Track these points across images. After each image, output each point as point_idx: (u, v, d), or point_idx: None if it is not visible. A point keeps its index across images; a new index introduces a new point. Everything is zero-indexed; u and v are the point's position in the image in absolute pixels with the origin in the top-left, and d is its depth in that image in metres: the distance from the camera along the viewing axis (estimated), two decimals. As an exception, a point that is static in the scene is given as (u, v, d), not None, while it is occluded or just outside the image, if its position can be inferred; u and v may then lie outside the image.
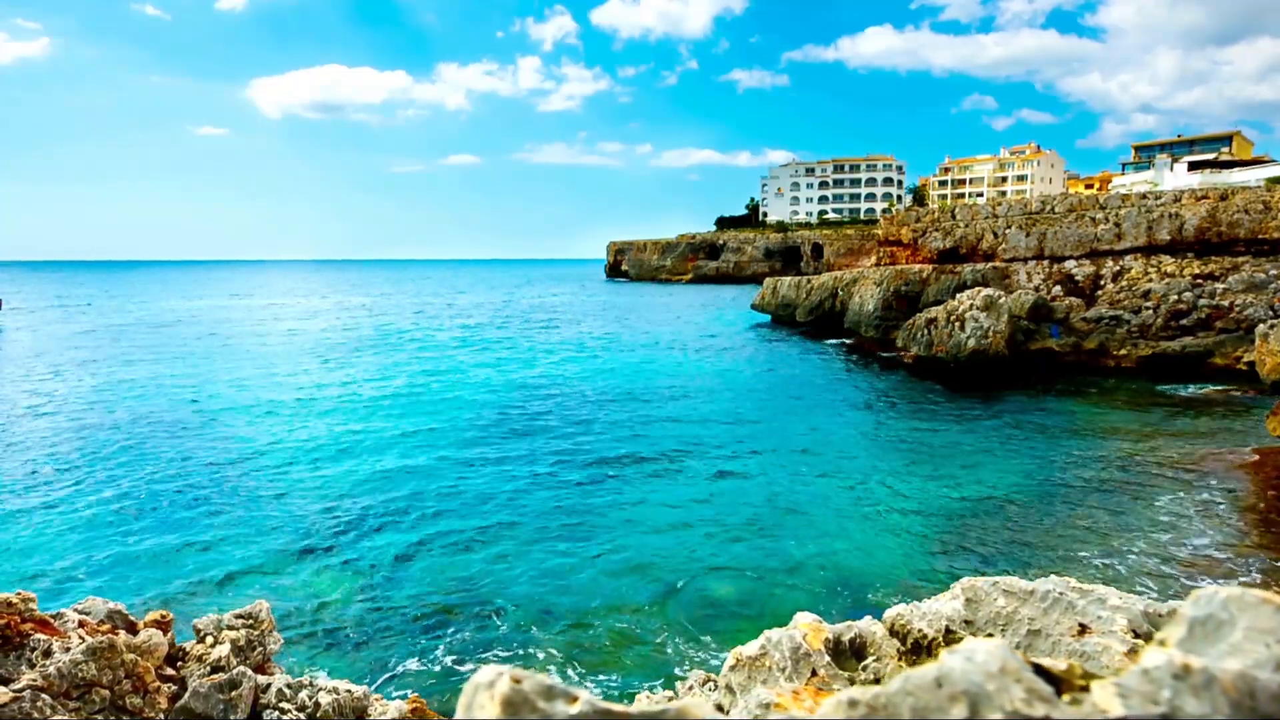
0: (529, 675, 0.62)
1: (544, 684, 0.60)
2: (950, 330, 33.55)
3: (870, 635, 2.48)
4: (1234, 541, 14.78)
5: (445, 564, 14.36)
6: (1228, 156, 71.47)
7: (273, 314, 76.55)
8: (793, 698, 1.53)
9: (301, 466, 20.82)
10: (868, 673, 2.35)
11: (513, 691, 0.59)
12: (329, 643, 11.40)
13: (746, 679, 2.34)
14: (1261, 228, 34.30)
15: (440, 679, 10.51)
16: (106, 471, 20.10)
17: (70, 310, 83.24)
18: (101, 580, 13.45)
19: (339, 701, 5.25)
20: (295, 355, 44.44)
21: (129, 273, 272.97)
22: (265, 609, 5.73)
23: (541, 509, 17.40)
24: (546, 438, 24.08)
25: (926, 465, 20.77)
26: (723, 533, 15.88)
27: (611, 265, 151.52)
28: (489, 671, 0.63)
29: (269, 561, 14.32)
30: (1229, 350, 32.48)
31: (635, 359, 42.35)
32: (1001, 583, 2.43)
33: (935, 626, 2.33)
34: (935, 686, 0.61)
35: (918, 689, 0.59)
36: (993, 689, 0.58)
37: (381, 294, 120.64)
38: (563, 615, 12.29)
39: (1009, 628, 2.26)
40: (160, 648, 4.77)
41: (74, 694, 3.77)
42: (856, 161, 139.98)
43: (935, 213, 49.62)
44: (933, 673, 0.60)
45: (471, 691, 0.61)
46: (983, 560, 14.32)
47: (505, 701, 0.59)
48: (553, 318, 71.25)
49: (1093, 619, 2.10)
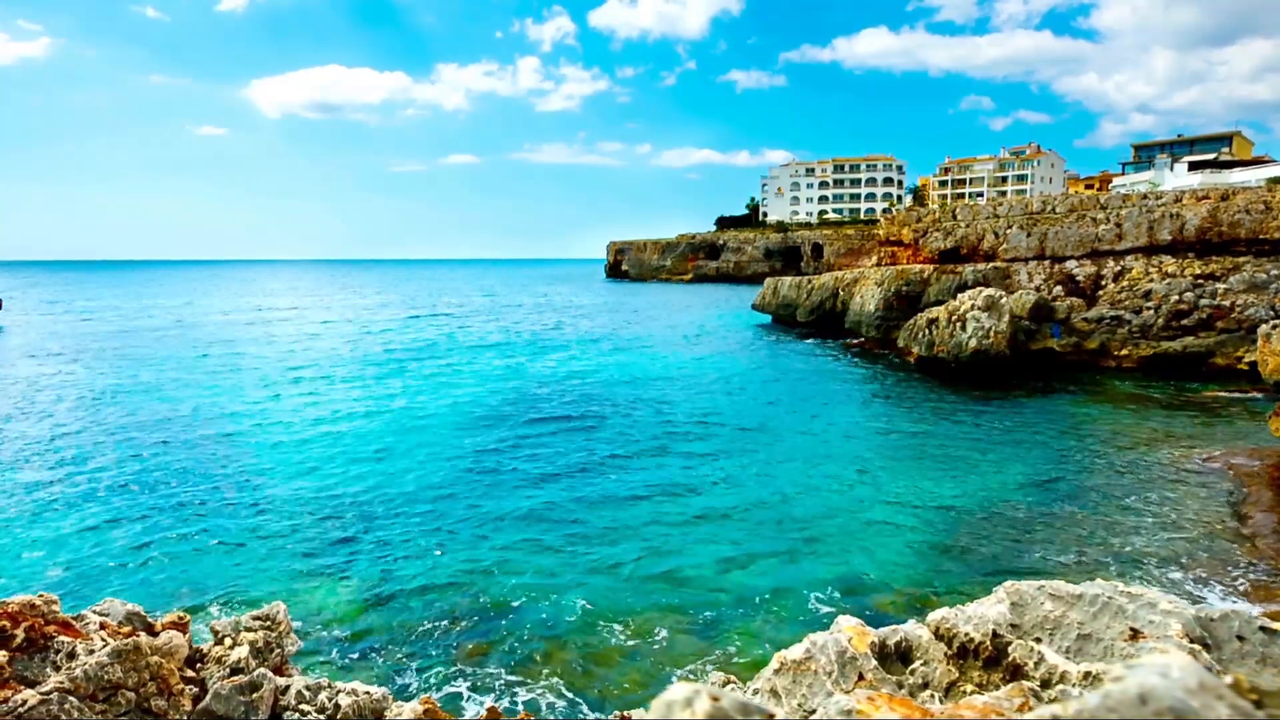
0: (725, 693, 0.61)
1: (740, 701, 0.59)
2: (951, 330, 33.56)
3: (916, 639, 2.47)
4: (1236, 543, 14.79)
5: (452, 568, 14.34)
6: (1228, 156, 71.55)
7: (279, 317, 76.43)
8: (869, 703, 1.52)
9: (307, 471, 20.79)
10: (916, 677, 2.34)
11: (713, 709, 0.58)
12: (337, 649, 11.38)
13: (792, 683, 2.33)
14: (1262, 228, 34.34)
15: (449, 684, 10.50)
16: (112, 476, 20.06)
17: (70, 311, 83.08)
18: (111, 584, 13.42)
19: (358, 703, 5.23)
20: (300, 359, 44.40)
21: (129, 273, 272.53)
22: (282, 610, 5.71)
23: (546, 512, 17.39)
24: (549, 440, 24.07)
25: (929, 465, 20.78)
26: (726, 536, 15.87)
27: (611, 265, 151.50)
28: (684, 689, 0.61)
29: (276, 566, 14.29)
30: (1230, 350, 32.52)
31: (636, 359, 42.33)
32: (1048, 586, 2.42)
33: (982, 630, 2.32)
34: (1139, 703, 0.60)
35: (1121, 704, 0.58)
36: (1198, 705, 0.58)
37: (382, 294, 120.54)
38: (569, 620, 12.27)
39: (1057, 632, 2.25)
40: (181, 650, 4.75)
41: (100, 696, 3.76)
42: (856, 161, 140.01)
43: (936, 213, 49.65)
44: (1134, 690, 0.59)
45: (665, 708, 0.59)
46: (984, 561, 14.32)
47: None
48: (553, 318, 71.21)
49: (1144, 624, 2.09)
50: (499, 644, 11.42)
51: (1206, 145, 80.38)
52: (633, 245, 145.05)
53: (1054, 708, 0.64)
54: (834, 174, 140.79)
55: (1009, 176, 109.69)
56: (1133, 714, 0.61)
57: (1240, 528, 15.51)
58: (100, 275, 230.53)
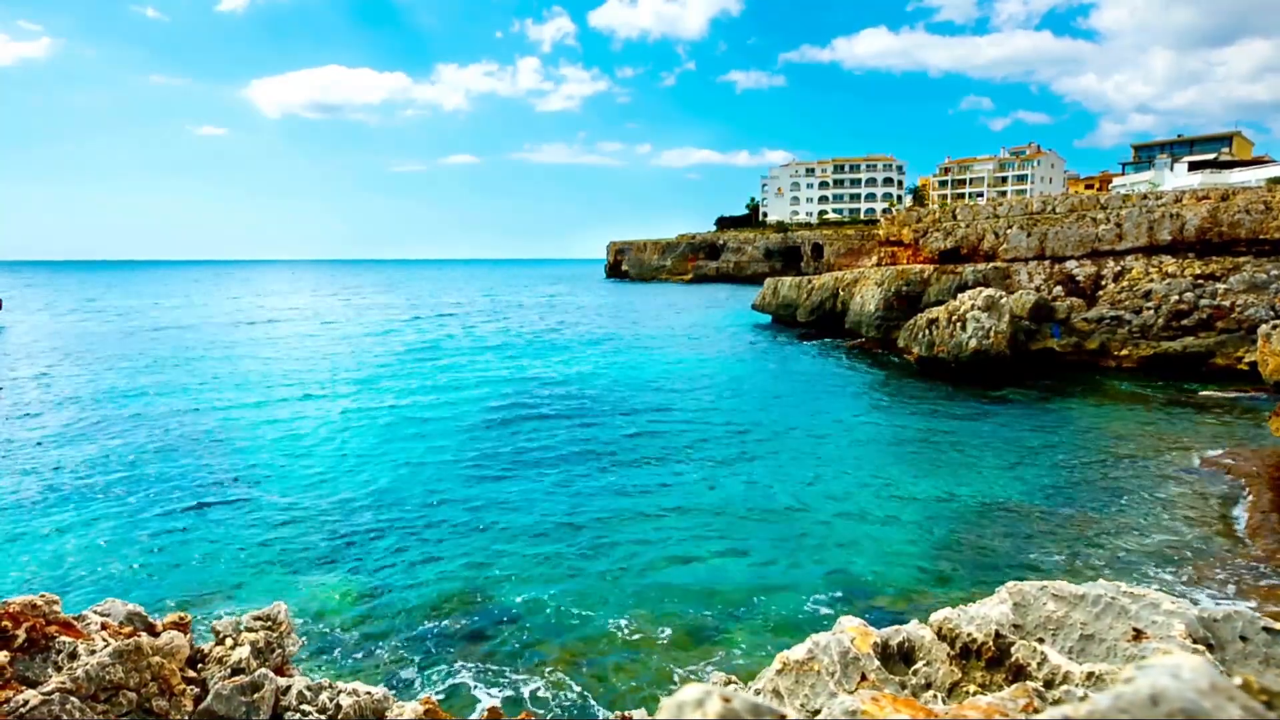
0: (736, 694, 0.61)
1: (752, 702, 0.59)
2: (952, 330, 33.56)
3: (918, 639, 2.46)
4: (1236, 543, 14.78)
5: (452, 568, 14.34)
6: (1228, 157, 71.55)
7: (279, 317, 76.43)
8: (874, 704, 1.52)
9: (308, 471, 20.80)
10: (918, 677, 2.34)
11: (725, 709, 0.57)
12: (338, 649, 11.38)
13: (795, 683, 2.32)
14: (1262, 228, 34.34)
15: (450, 684, 10.50)
16: (112, 475, 20.06)
17: (70, 311, 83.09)
18: (112, 584, 13.42)
19: (359, 703, 5.22)
20: (303, 360, 44.41)
21: (129, 273, 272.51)
22: (283, 610, 5.71)
23: (547, 512, 17.39)
24: (550, 440, 24.07)
25: (929, 465, 20.78)
26: (726, 536, 15.87)
27: (611, 265, 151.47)
28: (696, 689, 0.61)
29: (277, 566, 14.29)
30: (1230, 351, 32.52)
31: (636, 360, 42.34)
32: (1050, 587, 2.41)
33: (984, 631, 2.32)
34: (1151, 704, 0.60)
35: (1133, 705, 0.58)
36: (1210, 706, 0.58)
37: (382, 294, 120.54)
38: (570, 621, 12.27)
39: (1060, 632, 2.25)
40: (182, 650, 4.75)
41: (102, 697, 3.76)
42: (856, 161, 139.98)
43: (936, 213, 49.65)
44: (1146, 690, 0.59)
45: (676, 709, 0.59)
46: (985, 561, 14.32)
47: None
48: (553, 318, 71.22)
49: (1147, 624, 2.09)
50: (500, 644, 11.42)
51: (1206, 145, 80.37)
52: (633, 245, 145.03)
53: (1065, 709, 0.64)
54: (834, 174, 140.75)
55: (1009, 176, 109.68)
56: (1145, 715, 0.61)
57: (1240, 528, 15.51)
58: (100, 275, 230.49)
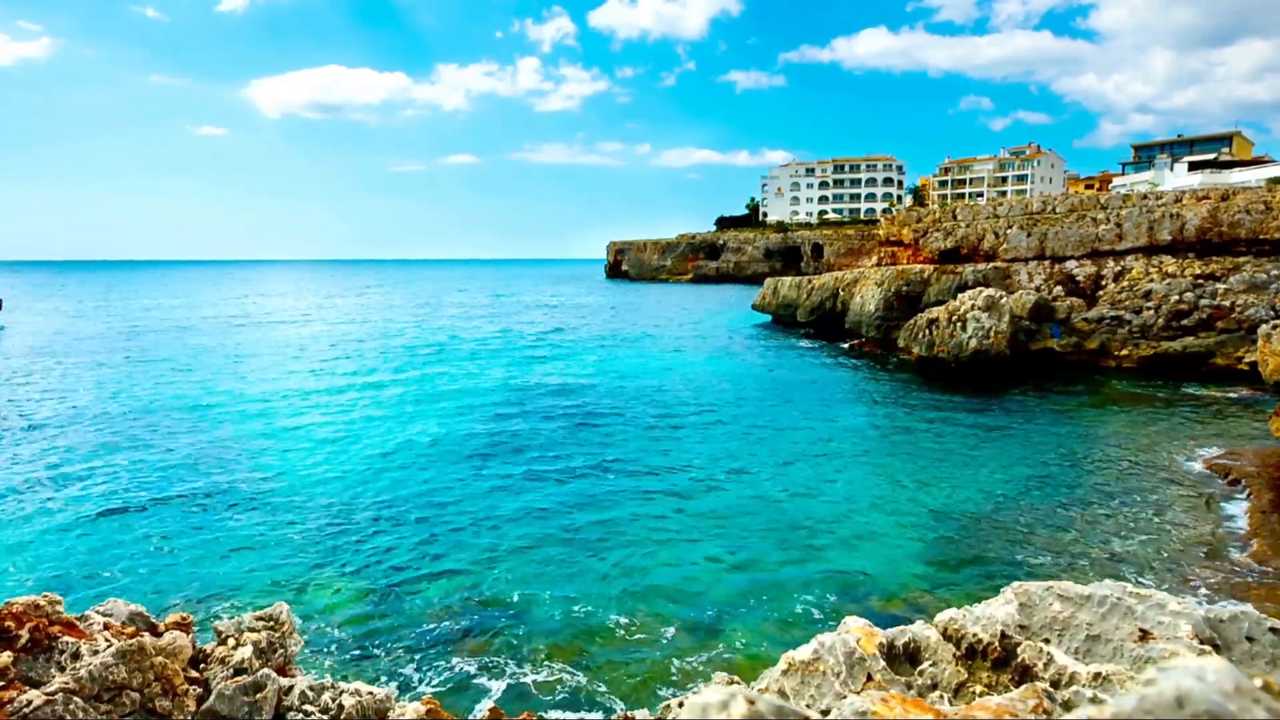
0: (760, 696, 0.60)
1: (776, 704, 0.59)
2: (952, 330, 33.56)
3: (924, 640, 2.46)
4: (1237, 544, 14.79)
5: (454, 568, 14.34)
6: (1228, 157, 71.56)
7: (280, 318, 76.44)
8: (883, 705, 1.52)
9: (310, 471, 20.79)
10: (924, 678, 2.33)
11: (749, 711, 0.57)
12: (340, 649, 11.38)
13: (800, 683, 2.32)
14: (1263, 228, 34.35)
15: (452, 684, 10.50)
16: (113, 476, 20.05)
17: (70, 311, 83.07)
18: (114, 584, 13.42)
19: (361, 703, 5.22)
20: (301, 360, 44.41)
21: (129, 273, 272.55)
22: (285, 611, 5.70)
23: (548, 512, 17.39)
24: (551, 440, 24.07)
25: (929, 465, 20.78)
26: (728, 536, 15.87)
27: (611, 265, 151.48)
28: (720, 691, 0.61)
29: (279, 568, 14.28)
30: (1230, 350, 32.53)
31: (637, 360, 42.34)
32: (1056, 587, 2.41)
33: (990, 631, 2.32)
34: (1177, 706, 0.60)
35: (1158, 707, 0.58)
36: (1235, 708, 0.58)
37: (383, 294, 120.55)
38: (571, 619, 12.27)
39: (1066, 633, 2.24)
40: (184, 650, 4.74)
41: (105, 697, 3.76)
42: (856, 161, 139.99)
43: (936, 213, 49.66)
44: (1171, 692, 0.59)
45: (700, 710, 0.59)
46: (986, 561, 14.32)
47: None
48: (554, 318, 71.22)
49: (1153, 624, 2.09)
50: (501, 644, 11.42)
51: (1206, 145, 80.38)
52: (633, 245, 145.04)
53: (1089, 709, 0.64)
54: (834, 174, 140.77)
55: (1009, 176, 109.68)
56: (1170, 716, 0.61)
57: (1241, 529, 15.52)
58: (101, 275, 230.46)
